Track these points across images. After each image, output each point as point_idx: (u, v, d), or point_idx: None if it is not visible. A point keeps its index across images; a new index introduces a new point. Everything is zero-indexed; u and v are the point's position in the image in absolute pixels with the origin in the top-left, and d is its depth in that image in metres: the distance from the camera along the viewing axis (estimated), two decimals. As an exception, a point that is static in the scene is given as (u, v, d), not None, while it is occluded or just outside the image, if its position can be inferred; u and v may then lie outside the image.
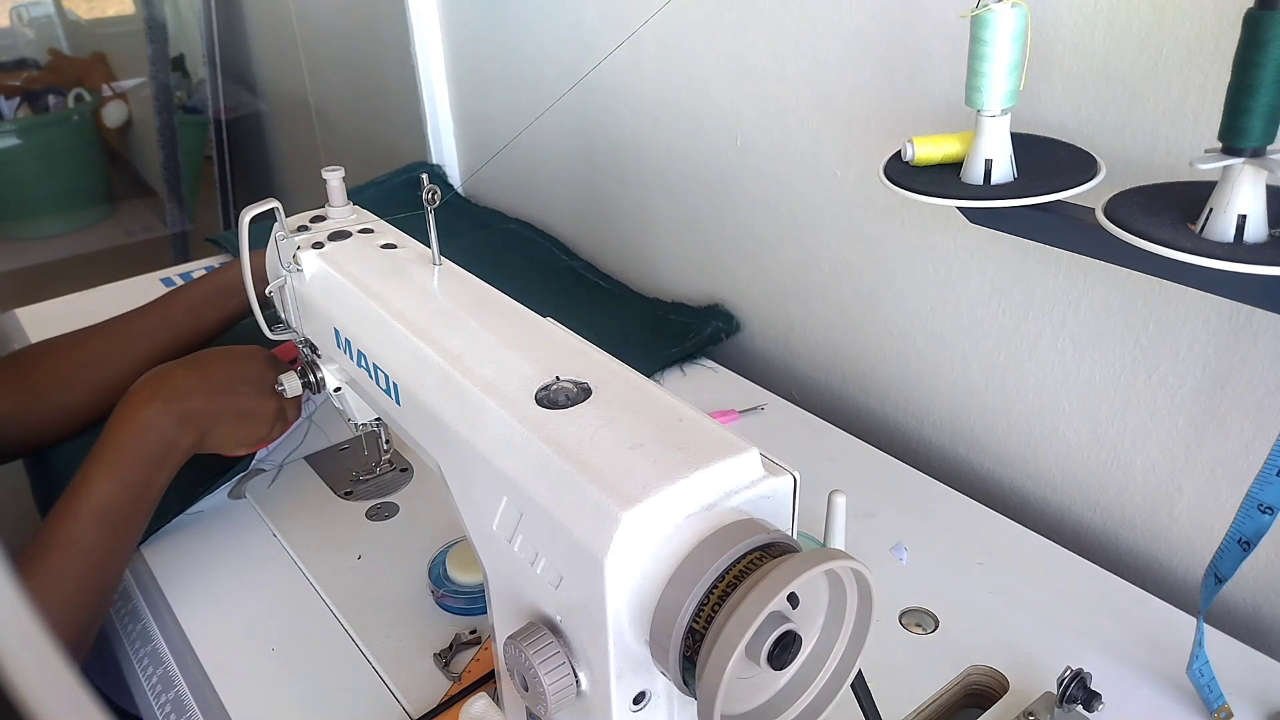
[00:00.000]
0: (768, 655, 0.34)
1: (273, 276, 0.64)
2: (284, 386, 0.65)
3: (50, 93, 2.47)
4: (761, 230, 0.97)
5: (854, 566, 0.35)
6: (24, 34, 2.64)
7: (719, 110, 0.95)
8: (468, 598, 0.66)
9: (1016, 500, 0.82)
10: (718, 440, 0.39)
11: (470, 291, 0.55)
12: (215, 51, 2.15)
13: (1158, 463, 0.70)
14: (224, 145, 2.24)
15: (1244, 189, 0.49)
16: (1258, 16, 0.46)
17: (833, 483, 0.62)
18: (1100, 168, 0.60)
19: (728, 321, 1.02)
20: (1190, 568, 0.71)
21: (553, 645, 0.40)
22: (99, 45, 2.62)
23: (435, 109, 1.40)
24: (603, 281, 1.16)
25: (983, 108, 0.59)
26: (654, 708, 0.40)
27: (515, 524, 0.41)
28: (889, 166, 0.65)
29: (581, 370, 0.45)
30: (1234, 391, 0.64)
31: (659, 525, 0.36)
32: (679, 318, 1.05)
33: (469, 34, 1.31)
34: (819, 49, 0.82)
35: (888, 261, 0.85)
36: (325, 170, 0.62)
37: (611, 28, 1.04)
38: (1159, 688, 0.59)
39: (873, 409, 0.93)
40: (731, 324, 1.03)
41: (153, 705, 0.64)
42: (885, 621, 0.65)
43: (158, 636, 0.68)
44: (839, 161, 0.85)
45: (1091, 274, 0.69)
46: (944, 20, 0.72)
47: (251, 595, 0.70)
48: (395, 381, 0.52)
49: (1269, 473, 0.49)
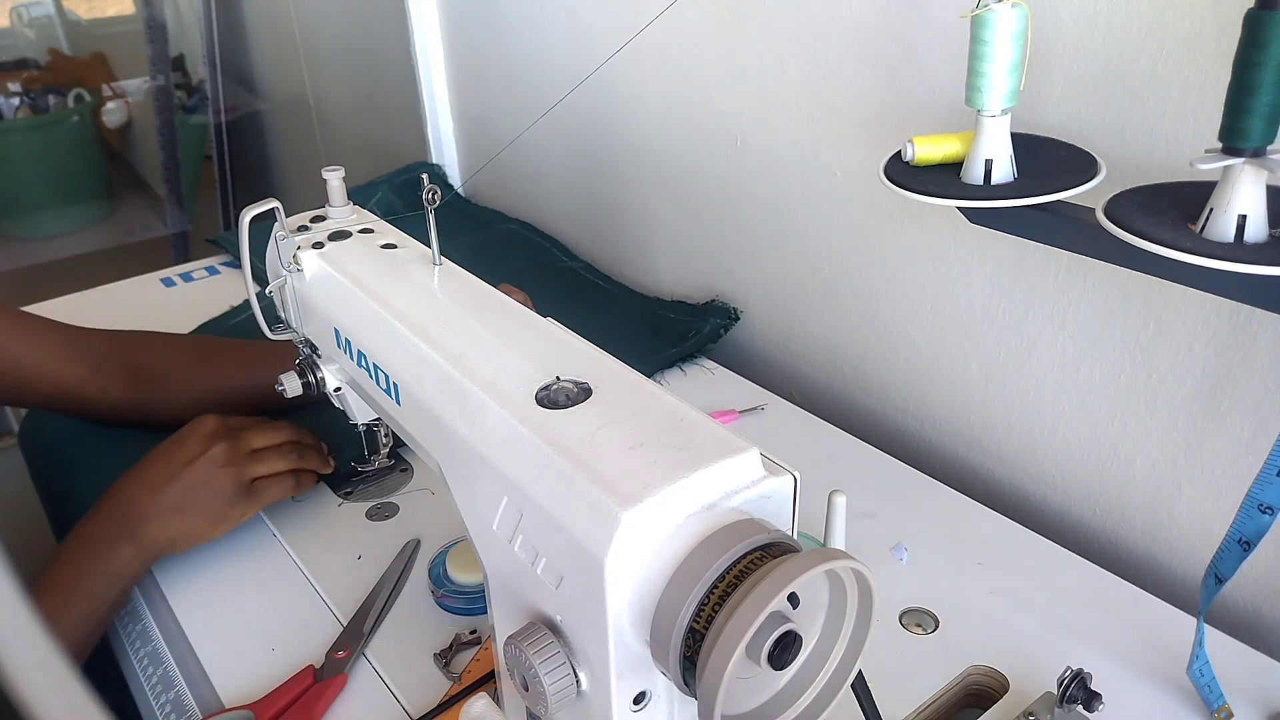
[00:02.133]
0: (768, 655, 0.34)
1: (273, 276, 0.64)
2: (284, 386, 0.65)
3: (50, 93, 2.47)
4: (761, 230, 0.97)
5: (854, 566, 0.35)
6: (24, 34, 2.64)
7: (719, 110, 0.95)
8: (468, 598, 0.66)
9: (1016, 500, 0.82)
10: (718, 440, 0.39)
11: (470, 291, 0.55)
12: (215, 51, 2.15)
13: (1158, 463, 0.70)
14: (224, 145, 2.24)
15: (1244, 189, 0.49)
16: (1258, 16, 0.46)
17: (833, 483, 0.62)
18: (1100, 168, 0.60)
19: (726, 316, 1.02)
20: (1190, 568, 0.71)
21: (553, 645, 0.40)
22: (99, 45, 2.62)
23: (435, 109, 1.40)
24: (602, 282, 1.16)
25: (983, 108, 0.59)
26: (654, 708, 0.40)
27: (515, 524, 0.41)
28: (889, 166, 0.65)
29: (581, 370, 0.45)
30: (1234, 391, 0.64)
31: (659, 525, 0.36)
32: (679, 316, 1.05)
33: (469, 34, 1.31)
34: (819, 49, 0.82)
35: (888, 261, 0.85)
36: (325, 170, 0.62)
37: (611, 28, 1.04)
38: (1159, 688, 0.59)
39: (873, 409, 0.93)
40: (730, 317, 1.02)
41: (153, 705, 0.64)
42: (885, 621, 0.65)
43: (158, 637, 0.68)
44: (839, 161, 0.85)
45: (1091, 274, 0.69)
46: (944, 20, 0.72)
47: (251, 595, 0.70)
48: (395, 381, 0.52)
49: (1269, 473, 0.49)
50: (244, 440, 0.73)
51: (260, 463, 0.73)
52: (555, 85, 1.16)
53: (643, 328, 1.04)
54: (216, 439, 0.71)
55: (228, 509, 0.71)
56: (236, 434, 0.73)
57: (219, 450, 0.71)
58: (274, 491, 0.73)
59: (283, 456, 0.74)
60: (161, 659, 0.66)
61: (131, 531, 0.67)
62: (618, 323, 1.05)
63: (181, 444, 0.71)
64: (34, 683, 0.17)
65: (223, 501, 0.70)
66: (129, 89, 2.52)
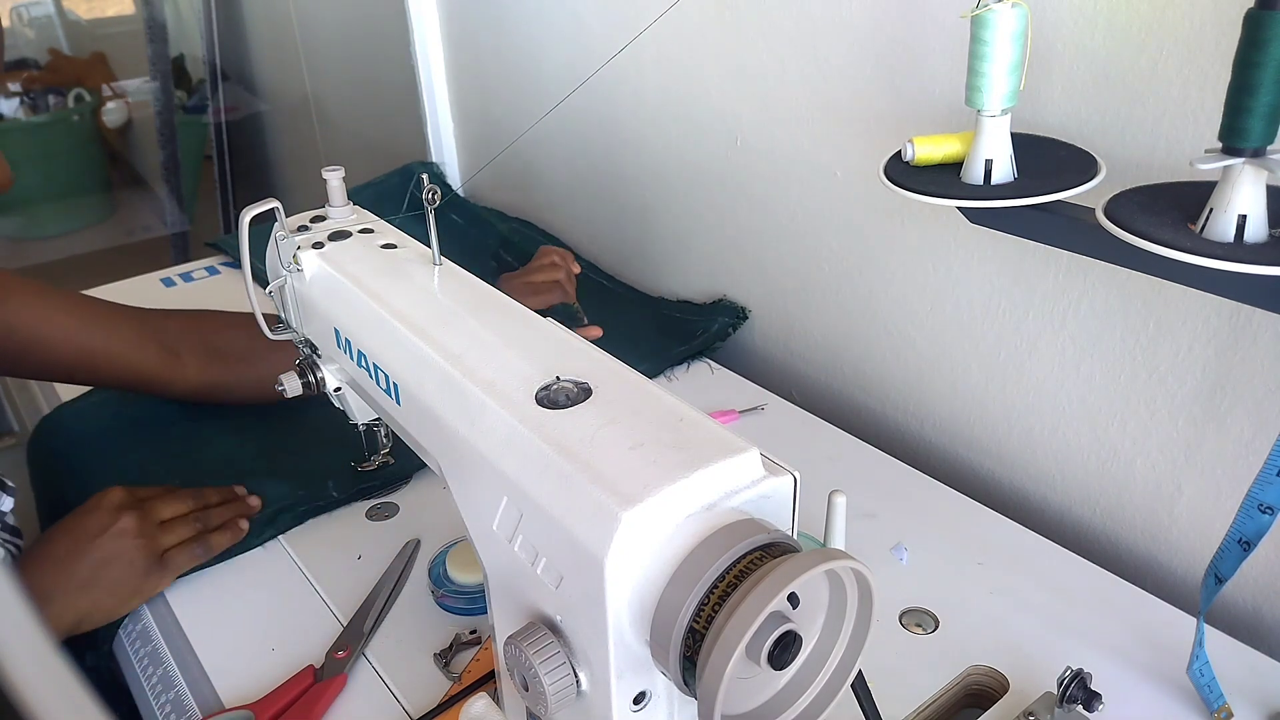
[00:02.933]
0: (768, 655, 0.34)
1: (273, 276, 0.64)
2: (284, 386, 0.65)
3: (50, 93, 2.47)
4: (761, 230, 0.97)
5: (854, 566, 0.35)
6: (24, 34, 2.64)
7: (719, 111, 0.95)
8: (468, 598, 0.66)
9: (1016, 500, 0.82)
10: (718, 440, 0.39)
11: (470, 291, 0.55)
12: (215, 51, 2.15)
13: (1158, 463, 0.70)
14: (224, 145, 2.24)
15: (1244, 189, 0.49)
16: (1258, 16, 0.46)
17: (833, 483, 0.62)
18: (1100, 168, 0.60)
19: (735, 315, 1.02)
20: (1190, 568, 0.71)
21: (553, 645, 0.40)
22: (99, 45, 2.62)
23: (435, 109, 1.40)
24: (606, 281, 1.16)
25: (983, 108, 0.59)
26: (654, 708, 0.40)
27: (515, 524, 0.41)
28: (889, 166, 0.65)
29: (581, 370, 0.45)
30: (1234, 391, 0.64)
31: (659, 525, 0.36)
32: (685, 315, 1.05)
33: (469, 34, 1.31)
34: (819, 49, 0.82)
35: (888, 261, 0.85)
36: (325, 170, 0.62)
37: (612, 28, 1.04)
38: (1159, 688, 0.59)
39: (873, 409, 0.93)
40: (739, 316, 1.02)
41: (152, 705, 0.64)
42: (885, 621, 0.65)
43: (158, 636, 0.68)
44: (839, 161, 0.85)
45: (1091, 274, 0.69)
46: (944, 20, 0.72)
47: (251, 595, 0.70)
48: (395, 381, 0.52)
49: (1269, 473, 0.49)
50: (152, 510, 0.71)
51: (169, 533, 0.71)
52: (555, 85, 1.16)
53: (649, 327, 1.04)
54: (124, 510, 0.68)
55: (140, 582, 0.68)
56: (144, 504, 0.71)
57: (128, 522, 0.68)
58: (183, 560, 0.70)
59: (189, 525, 0.72)
60: (161, 659, 0.66)
61: (36, 614, 0.65)
62: (623, 321, 1.05)
63: (87, 517, 0.68)
64: (34, 683, 0.17)
65: (135, 575, 0.68)
66: (129, 89, 2.53)
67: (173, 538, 0.71)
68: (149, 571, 0.69)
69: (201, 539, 0.72)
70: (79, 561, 0.66)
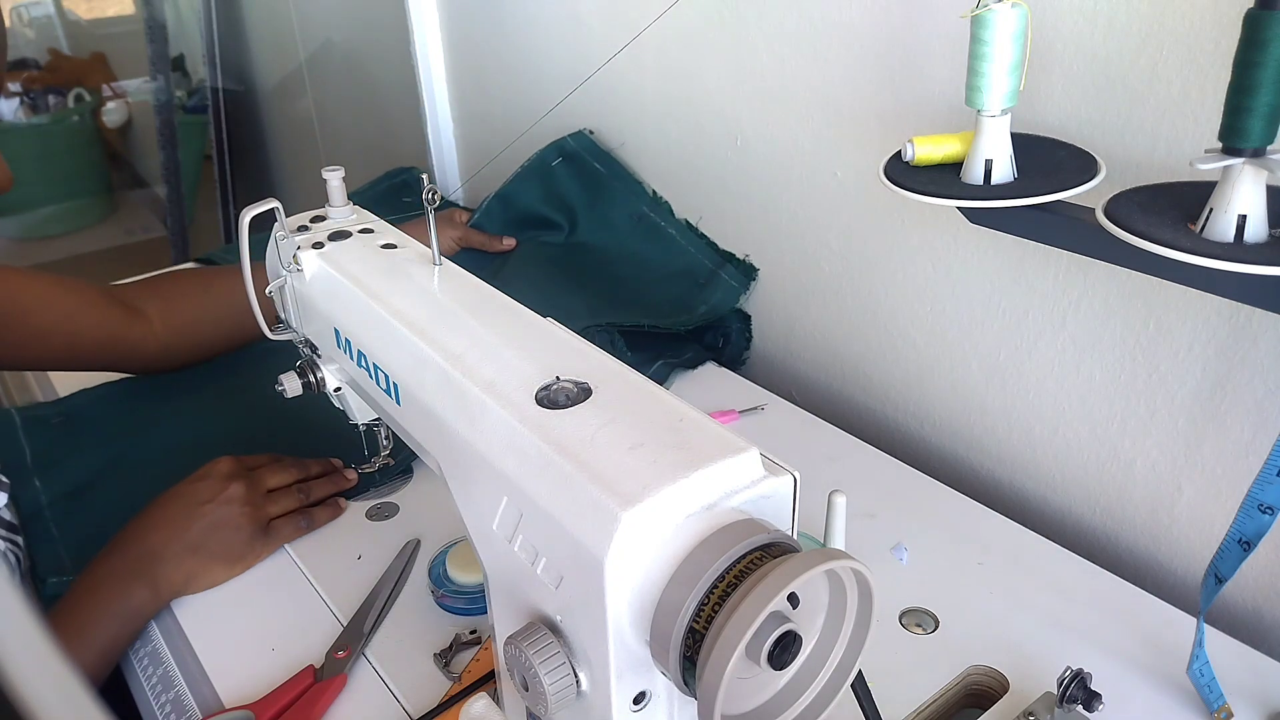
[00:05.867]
0: (768, 655, 0.34)
1: (273, 276, 0.64)
2: (284, 387, 0.65)
3: (50, 93, 2.47)
4: (761, 230, 0.97)
5: (854, 566, 0.35)
6: (24, 34, 2.64)
7: (719, 110, 0.95)
8: (468, 598, 0.66)
9: (1016, 500, 0.82)
10: (718, 440, 0.39)
11: (470, 291, 0.55)
12: (215, 51, 2.15)
13: (1158, 463, 0.70)
14: (224, 145, 2.24)
15: (1244, 189, 0.49)
16: (1258, 16, 0.46)
17: (833, 483, 0.62)
18: (1100, 168, 0.60)
19: (744, 271, 1.01)
20: (1190, 568, 0.71)
21: (553, 645, 0.40)
22: (99, 45, 2.62)
23: (435, 109, 1.40)
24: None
25: (983, 108, 0.59)
26: (654, 708, 0.40)
27: (515, 524, 0.41)
28: (889, 166, 0.65)
29: (581, 370, 0.45)
30: (1234, 391, 0.64)
31: (659, 525, 0.36)
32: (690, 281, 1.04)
33: (469, 34, 1.31)
34: (819, 49, 0.82)
35: (888, 261, 0.85)
36: (325, 170, 0.62)
37: (612, 28, 1.04)
38: (1159, 688, 0.59)
39: (873, 409, 0.93)
40: (747, 274, 1.01)
41: (152, 705, 0.64)
42: (885, 621, 0.65)
43: (158, 637, 0.68)
44: (839, 161, 0.85)
45: (1091, 274, 0.69)
46: (944, 20, 0.72)
47: (251, 595, 0.70)
48: (395, 381, 0.52)
49: (1269, 473, 0.49)
50: (260, 480, 0.74)
51: (275, 503, 0.74)
52: (555, 85, 1.16)
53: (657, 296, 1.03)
54: (234, 479, 0.71)
55: (246, 549, 0.71)
56: (253, 474, 0.73)
57: (237, 490, 0.71)
58: (289, 531, 0.74)
59: (293, 496, 0.75)
60: (161, 659, 0.66)
61: (146, 571, 0.67)
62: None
63: (198, 483, 0.71)
64: (34, 683, 0.17)
65: (242, 541, 0.71)
66: (129, 89, 2.53)
67: (278, 508, 0.74)
68: (254, 538, 0.71)
69: (306, 512, 0.75)
70: (190, 525, 0.69)
